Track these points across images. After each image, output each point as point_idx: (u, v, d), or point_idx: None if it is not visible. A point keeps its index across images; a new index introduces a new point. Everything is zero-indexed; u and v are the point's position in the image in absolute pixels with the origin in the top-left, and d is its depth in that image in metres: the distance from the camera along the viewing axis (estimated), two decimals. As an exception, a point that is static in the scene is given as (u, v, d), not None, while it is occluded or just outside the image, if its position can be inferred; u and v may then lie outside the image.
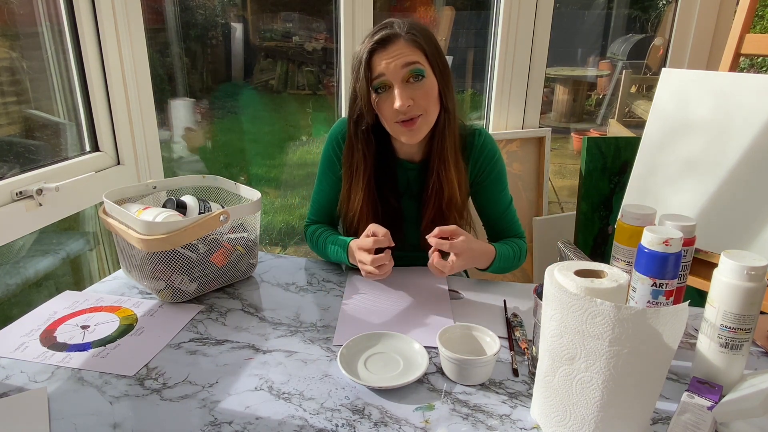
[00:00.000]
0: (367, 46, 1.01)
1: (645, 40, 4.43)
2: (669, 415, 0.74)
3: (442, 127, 1.09)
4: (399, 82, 1.01)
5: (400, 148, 1.17)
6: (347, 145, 1.14)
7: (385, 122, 1.07)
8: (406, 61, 1.00)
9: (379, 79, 1.02)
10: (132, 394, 0.78)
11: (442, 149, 1.10)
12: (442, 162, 1.11)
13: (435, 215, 1.14)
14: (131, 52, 1.34)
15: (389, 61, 1.00)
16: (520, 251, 1.18)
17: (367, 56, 1.01)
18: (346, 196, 1.17)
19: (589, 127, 4.84)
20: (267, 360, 0.86)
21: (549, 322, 0.67)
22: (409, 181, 1.19)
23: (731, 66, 1.45)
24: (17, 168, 1.23)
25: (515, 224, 1.22)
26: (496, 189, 1.19)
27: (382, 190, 1.16)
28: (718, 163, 1.30)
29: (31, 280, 1.52)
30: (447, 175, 1.11)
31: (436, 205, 1.13)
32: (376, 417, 0.74)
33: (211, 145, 3.68)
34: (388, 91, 1.03)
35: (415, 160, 1.18)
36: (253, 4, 3.95)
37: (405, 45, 1.01)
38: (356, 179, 1.13)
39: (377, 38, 1.01)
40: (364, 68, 1.02)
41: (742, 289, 0.73)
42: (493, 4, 2.04)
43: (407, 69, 1.00)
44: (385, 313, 1.01)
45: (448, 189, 1.12)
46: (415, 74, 1.01)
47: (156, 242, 0.95)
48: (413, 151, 1.16)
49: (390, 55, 1.00)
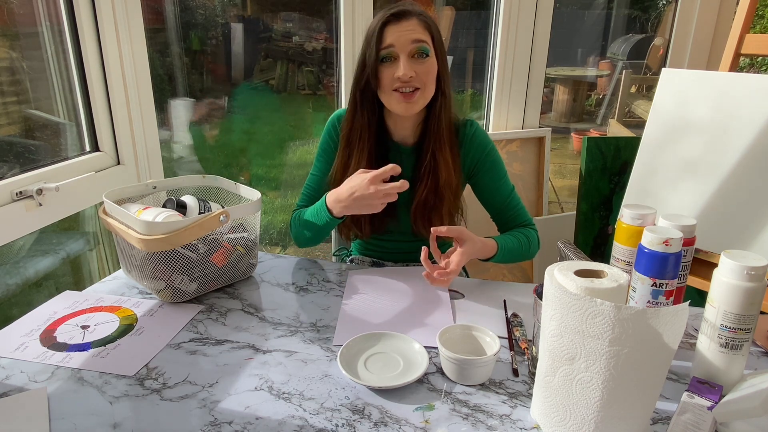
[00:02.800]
0: (382, 18, 1.07)
1: (645, 40, 4.43)
2: (669, 415, 0.74)
3: (438, 109, 1.13)
4: (405, 54, 1.06)
5: (394, 128, 1.19)
6: (349, 114, 1.17)
7: (382, 91, 1.10)
8: (416, 38, 1.06)
9: (388, 50, 1.07)
10: (132, 394, 0.78)
11: (438, 129, 1.14)
12: (438, 143, 1.14)
13: (427, 194, 1.15)
14: (131, 52, 1.34)
15: (400, 34, 1.06)
16: (528, 240, 1.18)
17: (381, 26, 1.07)
18: (344, 167, 1.17)
19: (589, 127, 4.84)
20: (267, 360, 0.86)
21: (549, 322, 0.67)
22: (402, 164, 1.19)
23: (731, 66, 1.45)
24: (17, 168, 1.23)
25: (521, 212, 1.23)
26: (495, 177, 1.21)
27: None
28: (718, 163, 1.30)
29: (31, 280, 1.52)
30: (443, 155, 1.14)
31: (429, 185, 1.15)
32: (376, 417, 0.74)
33: (211, 145, 3.68)
34: (392, 62, 1.07)
35: (409, 143, 1.20)
36: (253, 4, 3.95)
37: (417, 23, 1.07)
38: (359, 146, 1.15)
39: (393, 11, 1.07)
40: (376, 37, 1.07)
41: (742, 289, 0.72)
42: (493, 4, 2.04)
43: (415, 45, 1.06)
44: (385, 313, 1.01)
45: (445, 169, 1.14)
46: (420, 51, 1.07)
47: (156, 242, 0.95)
48: (407, 133, 1.19)
49: (402, 29, 1.06)
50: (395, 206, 1.17)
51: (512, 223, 1.22)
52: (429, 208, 1.15)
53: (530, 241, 1.19)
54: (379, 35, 1.07)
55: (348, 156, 1.17)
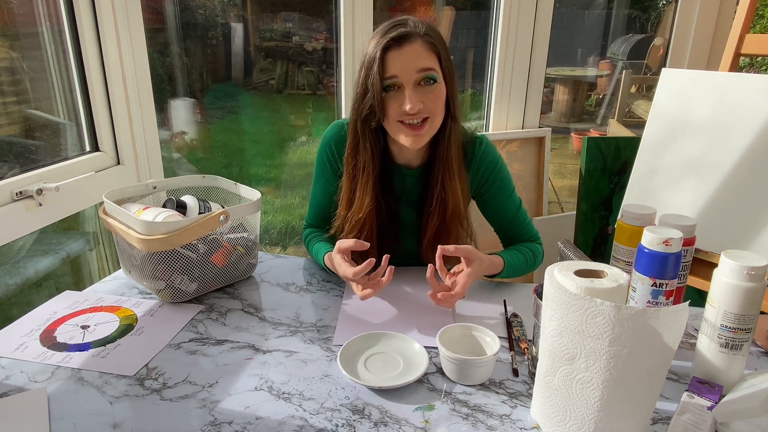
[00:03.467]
0: (382, 43, 0.97)
1: (645, 40, 4.43)
2: (669, 415, 0.74)
3: (447, 134, 1.06)
4: (411, 84, 0.98)
5: (398, 152, 1.13)
6: (351, 147, 1.09)
7: (387, 121, 1.03)
8: (423, 67, 0.97)
9: (392, 80, 0.98)
10: (132, 394, 0.78)
11: (447, 157, 1.07)
12: (447, 170, 1.08)
13: (439, 225, 1.11)
14: (131, 52, 1.34)
15: (404, 62, 0.97)
16: (534, 255, 1.16)
17: (381, 53, 0.97)
18: (349, 200, 1.12)
19: (589, 127, 4.84)
20: (267, 360, 0.86)
21: (549, 322, 0.67)
22: (406, 187, 1.16)
23: (731, 66, 1.45)
24: (17, 168, 1.23)
25: (527, 228, 1.19)
26: (502, 195, 1.16)
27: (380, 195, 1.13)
28: (718, 163, 1.30)
29: (31, 280, 1.52)
30: (452, 184, 1.08)
31: (440, 216, 1.10)
32: (376, 417, 0.74)
33: (210, 145, 3.68)
34: (397, 91, 1.00)
35: (413, 165, 1.14)
36: (253, 4, 3.94)
37: (421, 47, 0.98)
38: (364, 181, 1.09)
39: (393, 35, 0.97)
40: (378, 65, 0.97)
41: (742, 289, 0.73)
42: (493, 4, 2.04)
43: (422, 74, 0.98)
44: (385, 313, 1.01)
45: (453, 199, 1.09)
46: (427, 78, 0.99)
47: (156, 242, 0.95)
48: (411, 156, 1.13)
49: (405, 56, 0.97)
50: (398, 229, 1.16)
51: (517, 239, 1.19)
52: (438, 238, 1.11)
53: (536, 257, 1.17)
54: (381, 63, 0.97)
55: (352, 190, 1.11)
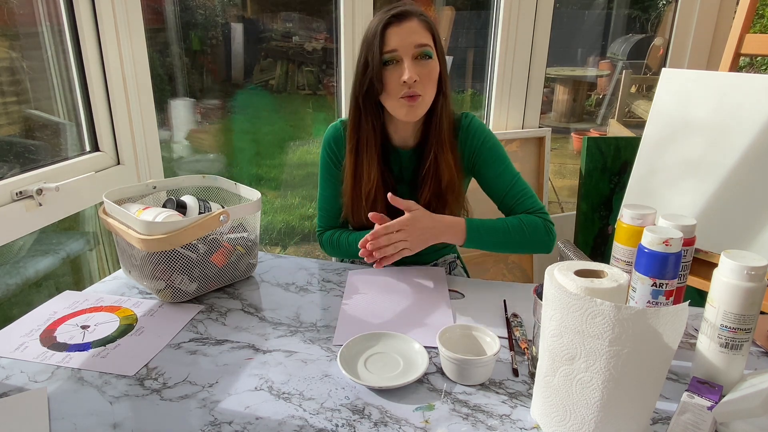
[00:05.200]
0: (382, 19, 1.05)
1: (645, 40, 4.43)
2: (669, 415, 0.74)
3: (439, 110, 1.13)
4: (409, 57, 1.05)
5: (394, 133, 1.18)
6: (353, 123, 1.15)
7: (387, 97, 1.09)
8: (420, 42, 1.05)
9: (391, 54, 1.05)
10: (132, 394, 0.78)
11: (439, 132, 1.13)
12: (439, 145, 1.14)
13: (431, 198, 1.15)
14: (131, 52, 1.34)
15: (403, 37, 1.05)
16: (527, 225, 1.11)
17: (382, 28, 1.05)
18: (354, 175, 1.16)
19: (589, 127, 4.85)
20: (267, 360, 0.86)
21: (549, 322, 0.67)
22: (402, 167, 1.21)
23: (731, 66, 1.45)
24: (17, 168, 1.23)
25: (527, 199, 1.15)
26: (495, 165, 1.17)
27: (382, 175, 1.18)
28: (718, 163, 1.30)
29: (31, 280, 1.52)
30: (444, 157, 1.14)
31: (432, 188, 1.15)
32: (376, 417, 0.74)
33: (211, 145, 3.68)
34: (395, 65, 1.06)
35: (409, 145, 1.20)
36: (253, 4, 3.95)
37: (418, 25, 1.06)
38: (368, 155, 1.14)
39: (394, 12, 1.05)
40: (378, 39, 1.05)
41: (742, 289, 0.73)
42: (493, 4, 2.04)
43: (419, 49, 1.05)
44: (385, 313, 1.01)
45: (447, 171, 1.14)
46: (423, 54, 1.06)
47: (156, 242, 0.95)
48: (407, 135, 1.18)
49: (404, 31, 1.05)
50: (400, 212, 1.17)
51: (517, 210, 1.16)
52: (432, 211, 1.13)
53: (533, 227, 1.10)
54: (381, 38, 1.05)
55: (357, 164, 1.16)
